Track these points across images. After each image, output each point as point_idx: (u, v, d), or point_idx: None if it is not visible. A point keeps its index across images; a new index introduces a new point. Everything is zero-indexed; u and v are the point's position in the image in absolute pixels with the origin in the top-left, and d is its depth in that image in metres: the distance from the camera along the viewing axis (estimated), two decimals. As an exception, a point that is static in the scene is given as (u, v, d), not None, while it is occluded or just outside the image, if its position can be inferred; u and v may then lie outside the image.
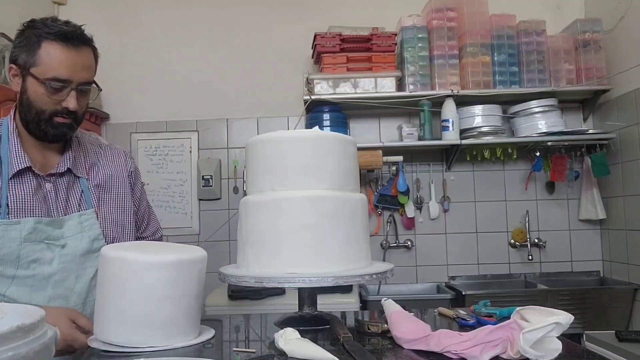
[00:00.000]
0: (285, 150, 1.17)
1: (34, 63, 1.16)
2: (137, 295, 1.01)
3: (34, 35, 1.17)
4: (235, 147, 3.14)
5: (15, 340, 0.56)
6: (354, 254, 1.15)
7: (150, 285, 1.01)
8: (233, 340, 1.14)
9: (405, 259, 3.09)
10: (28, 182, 1.22)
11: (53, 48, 1.15)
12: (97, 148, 1.39)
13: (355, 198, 1.19)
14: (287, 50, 3.17)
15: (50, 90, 1.15)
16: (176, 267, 1.04)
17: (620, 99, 2.84)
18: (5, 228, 1.16)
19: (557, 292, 2.66)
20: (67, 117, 1.20)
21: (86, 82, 1.21)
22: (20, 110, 1.22)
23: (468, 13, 2.89)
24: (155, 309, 1.02)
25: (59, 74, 1.15)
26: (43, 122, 1.19)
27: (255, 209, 1.16)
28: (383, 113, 3.10)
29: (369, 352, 0.90)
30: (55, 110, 1.18)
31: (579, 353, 0.89)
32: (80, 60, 1.17)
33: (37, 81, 1.15)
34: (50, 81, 1.15)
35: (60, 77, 1.15)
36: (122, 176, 1.39)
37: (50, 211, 1.23)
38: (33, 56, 1.16)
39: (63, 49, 1.16)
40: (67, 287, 1.22)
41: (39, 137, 1.23)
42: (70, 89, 1.17)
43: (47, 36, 1.16)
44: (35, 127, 1.21)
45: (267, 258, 1.12)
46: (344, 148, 1.20)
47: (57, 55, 1.15)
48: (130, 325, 1.01)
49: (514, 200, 3.11)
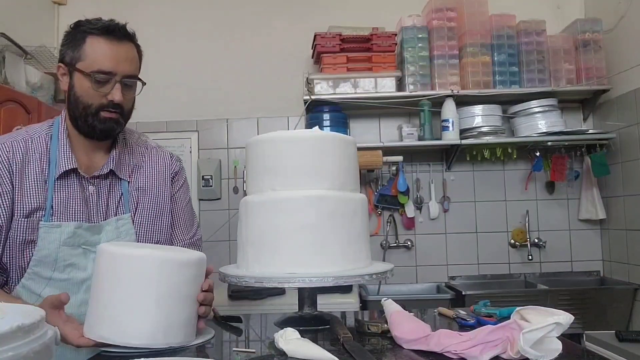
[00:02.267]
0: (285, 150, 1.17)
1: (79, 58, 1.19)
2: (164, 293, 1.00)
3: (79, 32, 1.21)
4: (235, 147, 3.14)
5: (15, 340, 0.56)
6: (354, 254, 1.15)
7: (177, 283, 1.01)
8: (233, 340, 1.14)
9: (405, 259, 3.09)
10: (72, 184, 1.23)
11: (97, 42, 1.19)
12: (143, 149, 1.39)
13: (355, 198, 1.19)
14: (287, 50, 3.17)
15: (96, 83, 1.18)
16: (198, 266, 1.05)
17: (620, 99, 2.84)
18: (47, 230, 1.18)
19: (557, 292, 2.66)
20: (114, 112, 1.21)
21: (130, 76, 1.22)
22: (69, 108, 1.24)
23: (468, 13, 2.89)
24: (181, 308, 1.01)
25: (103, 66, 1.18)
26: (90, 116, 1.20)
27: (255, 209, 1.16)
28: (383, 113, 3.10)
29: (369, 352, 0.90)
30: (101, 104, 1.20)
31: (579, 353, 0.89)
32: (123, 53, 1.20)
33: (83, 75, 1.18)
34: (95, 73, 1.17)
35: (105, 70, 1.18)
36: (163, 179, 1.38)
37: (91, 215, 1.24)
38: (78, 52, 1.19)
39: (106, 42, 1.19)
40: None
41: (88, 135, 1.24)
42: (115, 81, 1.19)
43: (91, 31, 1.20)
44: (83, 123, 1.22)
45: (267, 258, 1.12)
46: (344, 148, 1.20)
47: (101, 48, 1.19)
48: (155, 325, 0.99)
49: (514, 200, 3.11)
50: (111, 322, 0.99)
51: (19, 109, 2.36)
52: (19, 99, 2.36)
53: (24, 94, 2.44)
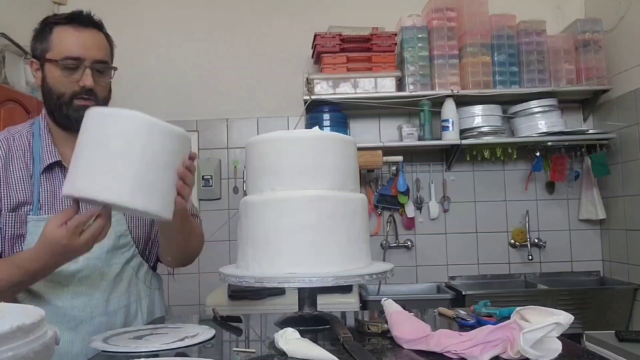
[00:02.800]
0: (285, 150, 1.17)
1: (48, 48, 1.20)
2: (148, 155, 0.98)
3: (46, 25, 1.23)
4: (235, 147, 3.14)
5: (15, 340, 0.56)
6: (354, 254, 1.15)
7: (162, 148, 1.00)
8: (233, 340, 1.14)
9: (405, 259, 3.09)
10: (58, 178, 1.24)
11: (63, 30, 1.21)
12: None
13: (355, 198, 1.19)
14: (287, 50, 3.17)
15: (65, 70, 1.19)
16: (184, 141, 1.06)
17: (620, 99, 2.84)
18: (35, 224, 1.18)
19: (557, 292, 2.66)
20: (87, 98, 1.21)
21: (100, 61, 1.22)
22: (45, 102, 1.24)
23: (468, 13, 2.89)
24: (162, 175, 1.00)
25: (71, 52, 1.19)
26: (64, 106, 1.20)
27: (255, 209, 1.16)
28: (383, 113, 3.10)
29: (369, 352, 0.90)
30: (74, 91, 1.20)
31: (579, 353, 0.89)
32: (90, 39, 1.20)
33: (53, 64, 1.19)
34: (64, 60, 1.18)
35: (73, 55, 1.19)
36: None
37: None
38: (47, 43, 1.21)
39: (73, 29, 1.20)
40: (90, 284, 1.22)
41: (66, 127, 1.23)
42: (85, 66, 1.20)
43: (57, 22, 1.22)
44: (59, 114, 1.22)
45: (267, 258, 1.12)
46: (344, 148, 1.20)
47: (67, 36, 1.20)
48: (137, 185, 0.96)
49: (514, 200, 3.11)
50: (93, 178, 0.96)
51: (19, 109, 2.36)
52: (19, 98, 2.36)
53: (24, 94, 2.44)
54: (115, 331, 1.16)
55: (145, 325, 1.24)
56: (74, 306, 1.19)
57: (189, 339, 1.05)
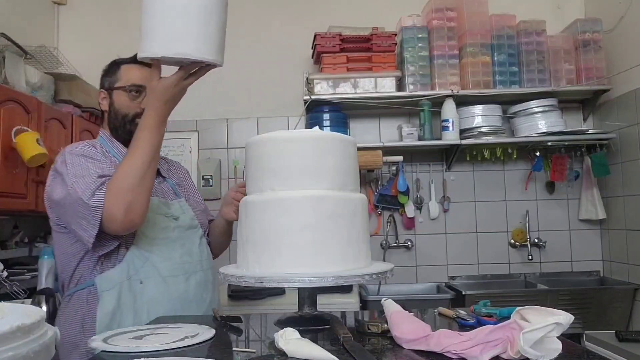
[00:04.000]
0: (285, 150, 1.17)
1: (116, 80, 1.51)
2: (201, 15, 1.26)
3: (114, 64, 1.55)
4: (235, 147, 3.14)
5: (15, 340, 0.56)
6: (354, 254, 1.15)
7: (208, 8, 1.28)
8: (233, 340, 1.14)
9: (405, 259, 3.09)
10: None
11: (129, 67, 1.51)
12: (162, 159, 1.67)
13: (355, 198, 1.19)
14: (287, 50, 3.17)
15: (131, 95, 1.48)
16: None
17: (620, 99, 2.84)
18: None
19: (557, 292, 2.66)
20: None
21: None
22: (110, 122, 1.53)
23: (468, 13, 2.89)
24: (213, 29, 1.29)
25: (135, 81, 1.49)
26: (128, 124, 1.48)
27: (255, 209, 1.16)
28: (383, 113, 3.10)
29: (369, 352, 0.90)
30: (136, 112, 1.46)
31: (579, 353, 0.89)
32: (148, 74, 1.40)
33: (121, 90, 1.49)
34: (131, 87, 1.48)
35: (137, 83, 1.48)
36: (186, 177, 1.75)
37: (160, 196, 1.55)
38: (115, 76, 1.52)
39: (136, 66, 1.49)
40: (187, 248, 1.52)
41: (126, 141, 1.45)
42: (145, 93, 1.43)
43: (123, 62, 1.53)
44: (123, 131, 1.49)
45: (267, 258, 1.12)
46: (344, 148, 1.20)
47: (132, 71, 1.50)
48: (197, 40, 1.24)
49: (514, 200, 3.11)
50: (163, 39, 1.23)
51: (19, 109, 2.36)
52: (19, 99, 2.36)
53: (24, 94, 2.44)
54: (115, 331, 1.16)
55: (146, 325, 1.24)
56: (184, 261, 1.48)
57: (189, 339, 1.05)
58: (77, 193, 1.30)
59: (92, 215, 1.28)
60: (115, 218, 1.28)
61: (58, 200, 1.35)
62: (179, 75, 1.32)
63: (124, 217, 1.28)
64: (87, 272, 1.40)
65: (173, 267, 1.44)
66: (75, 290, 1.43)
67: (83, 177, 1.33)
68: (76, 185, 1.31)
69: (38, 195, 2.48)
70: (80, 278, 1.42)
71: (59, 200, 1.35)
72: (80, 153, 1.41)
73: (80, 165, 1.36)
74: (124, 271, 1.39)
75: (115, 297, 1.37)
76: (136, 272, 1.40)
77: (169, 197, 1.56)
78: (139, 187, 1.29)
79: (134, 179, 1.29)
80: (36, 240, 2.78)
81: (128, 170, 1.30)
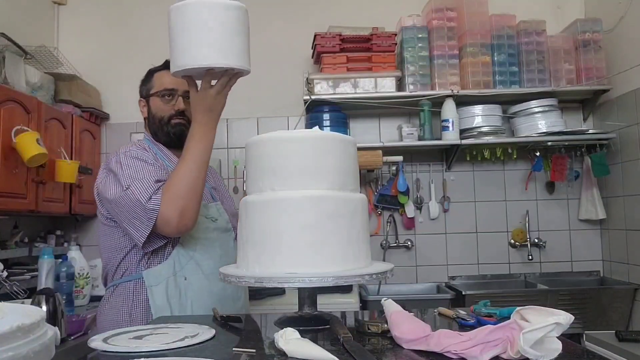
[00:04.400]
0: (285, 150, 1.17)
1: (151, 87, 1.63)
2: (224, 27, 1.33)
3: (148, 74, 1.67)
4: (235, 147, 3.14)
5: (15, 340, 0.56)
6: (354, 254, 1.15)
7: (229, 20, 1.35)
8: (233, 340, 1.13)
9: (405, 259, 3.09)
10: None
11: (161, 74, 1.62)
12: None
13: (355, 198, 1.19)
14: (287, 50, 3.17)
15: (164, 99, 1.60)
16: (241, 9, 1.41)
17: (620, 99, 2.84)
18: None
19: (557, 292, 2.66)
20: (180, 118, 1.58)
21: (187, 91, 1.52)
22: (150, 126, 1.63)
23: (468, 13, 2.89)
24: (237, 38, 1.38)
25: (167, 85, 1.59)
26: (165, 125, 1.59)
27: (255, 209, 1.16)
28: (383, 113, 3.10)
29: (369, 352, 0.90)
30: (171, 114, 1.59)
31: (579, 353, 0.89)
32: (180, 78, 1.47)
33: (155, 96, 1.61)
34: (163, 91, 1.59)
35: (168, 87, 1.59)
36: (219, 181, 1.83)
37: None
38: (150, 84, 1.64)
39: (167, 72, 1.52)
40: (224, 249, 1.60)
41: (167, 142, 1.60)
42: (178, 95, 1.59)
43: (156, 69, 1.65)
44: (161, 132, 1.60)
45: (267, 258, 1.12)
46: (344, 148, 1.20)
47: (164, 76, 1.60)
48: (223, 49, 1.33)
49: (514, 200, 3.11)
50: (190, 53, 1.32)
51: (19, 109, 2.36)
52: (19, 98, 2.36)
53: (24, 94, 2.44)
54: (115, 331, 1.16)
55: (145, 325, 1.24)
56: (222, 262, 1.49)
57: (189, 339, 1.05)
58: (135, 195, 1.38)
59: (147, 218, 1.37)
60: (169, 222, 1.37)
61: (112, 199, 1.44)
62: (203, 83, 1.40)
63: (178, 221, 1.36)
64: (133, 266, 1.50)
65: (214, 266, 1.50)
66: (121, 282, 1.52)
67: (140, 180, 1.41)
68: (133, 187, 1.40)
69: (38, 195, 2.48)
70: (125, 270, 1.51)
71: (113, 199, 1.43)
72: (134, 155, 1.49)
73: (135, 168, 1.45)
74: (170, 267, 1.48)
75: (164, 291, 1.46)
76: (181, 268, 1.50)
77: (207, 199, 1.62)
78: (191, 193, 1.38)
79: (187, 186, 1.38)
80: (36, 240, 2.78)
81: (181, 176, 1.39)
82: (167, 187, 1.39)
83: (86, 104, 2.98)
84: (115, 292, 1.52)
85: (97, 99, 3.15)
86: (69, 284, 2.26)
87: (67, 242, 2.94)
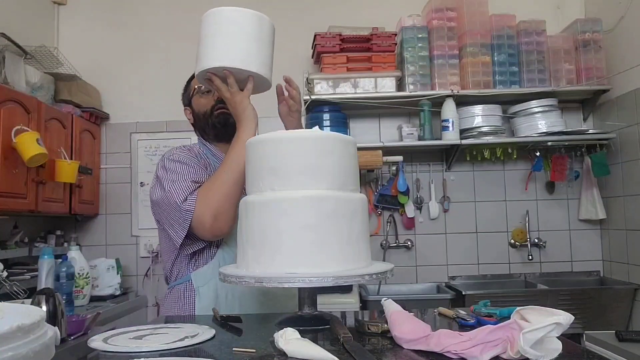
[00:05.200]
0: (285, 150, 1.17)
1: (190, 90, 1.68)
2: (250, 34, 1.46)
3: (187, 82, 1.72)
4: (235, 147, 3.13)
5: (15, 340, 0.56)
6: (354, 254, 1.15)
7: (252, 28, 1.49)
8: (233, 340, 1.13)
9: (405, 259, 3.09)
10: None
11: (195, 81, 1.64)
12: None
13: (355, 198, 1.19)
14: (287, 50, 3.16)
15: (203, 94, 1.63)
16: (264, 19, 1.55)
17: (620, 99, 2.84)
18: None
19: (557, 292, 2.66)
20: (222, 107, 1.58)
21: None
22: (198, 128, 1.66)
23: (468, 13, 2.89)
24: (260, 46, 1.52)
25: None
26: (209, 117, 1.61)
27: (255, 209, 1.16)
28: (383, 113, 3.10)
29: (369, 352, 0.90)
30: (212, 105, 1.61)
31: (579, 353, 0.89)
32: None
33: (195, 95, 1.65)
34: (198, 87, 1.63)
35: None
36: None
37: None
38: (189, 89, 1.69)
39: None
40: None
41: (215, 135, 1.62)
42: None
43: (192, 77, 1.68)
44: (207, 126, 1.62)
45: (267, 258, 1.12)
46: (344, 148, 1.20)
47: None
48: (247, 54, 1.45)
49: (514, 200, 3.11)
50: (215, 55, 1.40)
51: (19, 109, 2.36)
52: (19, 98, 2.36)
53: (24, 94, 2.44)
54: (115, 331, 1.16)
55: (145, 325, 1.24)
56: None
57: (189, 339, 1.05)
58: (173, 197, 1.41)
59: (183, 219, 1.39)
60: (203, 224, 1.37)
61: (155, 201, 1.48)
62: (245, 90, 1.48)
63: (212, 223, 1.36)
64: (183, 268, 1.51)
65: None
66: (175, 284, 1.53)
67: (178, 181, 1.44)
68: (172, 189, 1.42)
69: (38, 195, 2.48)
70: (178, 273, 1.53)
71: (156, 201, 1.47)
72: (176, 159, 1.52)
73: (176, 171, 1.48)
74: (216, 268, 1.45)
75: (212, 292, 1.46)
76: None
77: None
78: (227, 197, 1.38)
79: (224, 189, 1.38)
80: (36, 240, 2.78)
81: (219, 180, 1.40)
82: (204, 189, 1.40)
83: (86, 104, 2.98)
84: (170, 294, 1.54)
85: (97, 99, 3.15)
86: (69, 284, 2.26)
87: (67, 242, 2.94)
